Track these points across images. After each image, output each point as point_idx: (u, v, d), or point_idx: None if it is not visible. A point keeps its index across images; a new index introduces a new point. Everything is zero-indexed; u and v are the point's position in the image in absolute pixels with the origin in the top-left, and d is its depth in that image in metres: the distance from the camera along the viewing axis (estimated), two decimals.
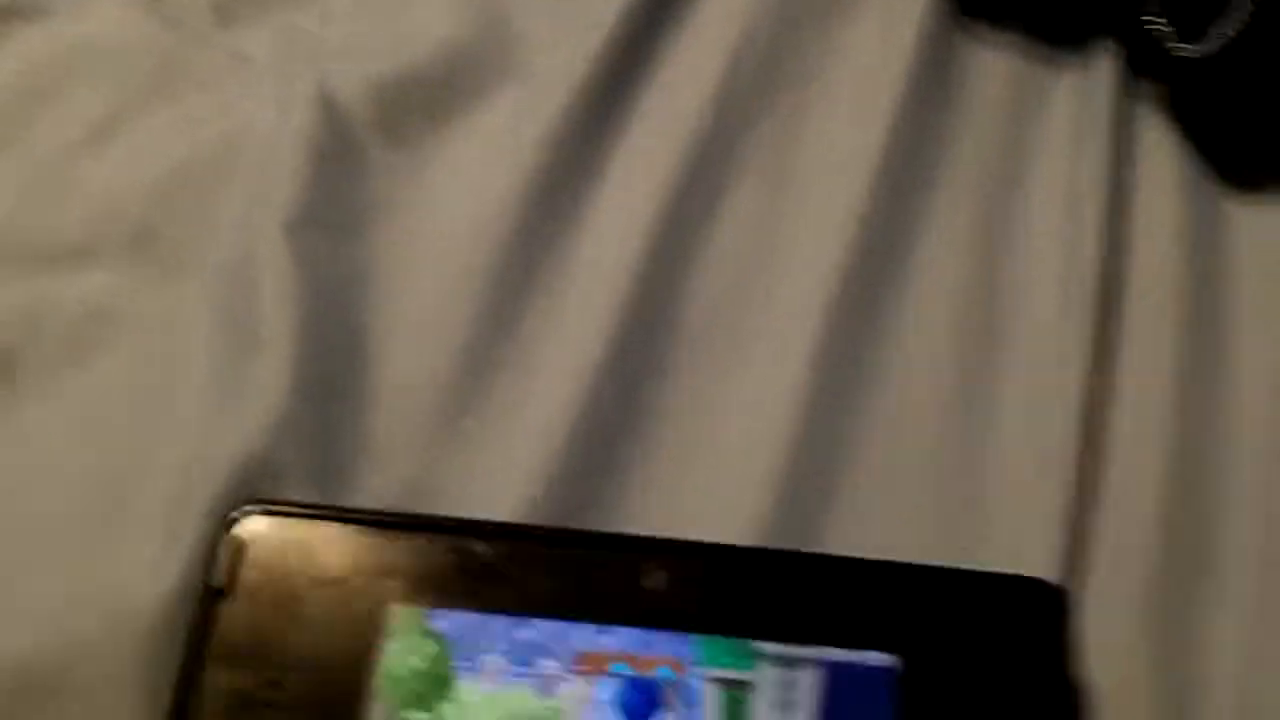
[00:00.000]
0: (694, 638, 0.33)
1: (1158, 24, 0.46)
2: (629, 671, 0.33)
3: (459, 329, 0.41)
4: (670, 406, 0.41)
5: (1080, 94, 0.48)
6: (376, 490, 0.38)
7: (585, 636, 0.33)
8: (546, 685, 0.32)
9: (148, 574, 0.34)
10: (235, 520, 0.34)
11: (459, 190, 0.45)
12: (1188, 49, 0.45)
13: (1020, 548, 0.38)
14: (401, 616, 0.33)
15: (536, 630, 0.33)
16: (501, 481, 0.38)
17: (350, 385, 0.40)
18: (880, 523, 0.39)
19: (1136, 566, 0.38)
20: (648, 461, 0.40)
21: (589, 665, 0.33)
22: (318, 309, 0.40)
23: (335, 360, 0.40)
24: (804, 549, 0.37)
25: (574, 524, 0.37)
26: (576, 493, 0.38)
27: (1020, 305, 0.43)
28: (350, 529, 0.35)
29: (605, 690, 0.33)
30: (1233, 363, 0.42)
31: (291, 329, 0.39)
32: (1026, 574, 0.36)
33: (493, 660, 0.33)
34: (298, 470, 0.37)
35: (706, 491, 0.39)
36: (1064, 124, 0.48)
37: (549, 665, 0.33)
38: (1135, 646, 0.36)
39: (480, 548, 0.34)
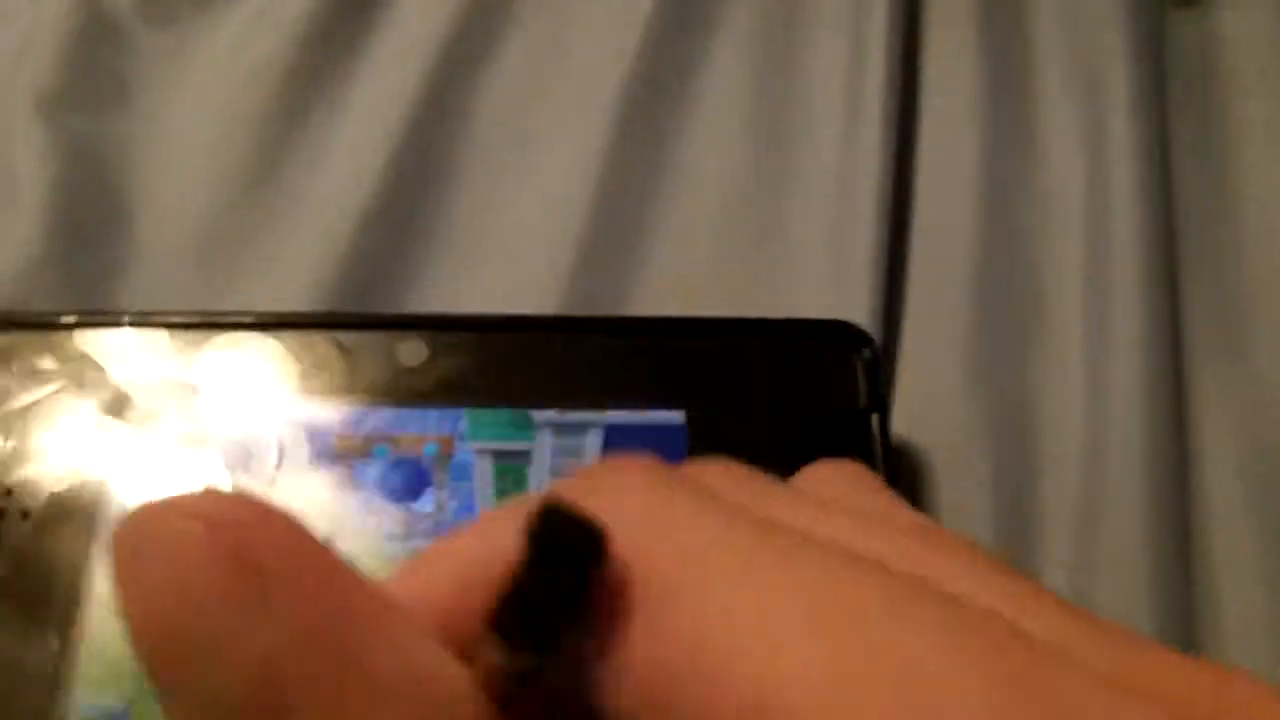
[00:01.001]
0: (465, 412, 0.31)
1: None
2: (390, 453, 0.30)
3: (226, 172, 0.39)
4: (459, 204, 0.38)
5: None
6: None
7: (342, 419, 0.30)
8: (311, 465, 0.30)
9: None
10: None
11: (226, 63, 0.42)
12: None
13: (827, 306, 0.36)
14: None
15: (299, 411, 0.30)
16: (280, 293, 0.35)
17: (108, 235, 0.37)
18: (680, 295, 0.36)
19: (954, 316, 0.36)
20: (435, 257, 0.37)
21: (349, 449, 0.30)
22: (74, 171, 0.38)
23: (91, 212, 0.37)
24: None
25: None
26: (359, 291, 0.36)
27: (815, 82, 0.41)
28: (86, 332, 0.31)
29: (366, 473, 0.30)
30: (1040, 123, 0.41)
31: (43, 188, 0.37)
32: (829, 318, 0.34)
33: None
34: None
35: (496, 284, 0.36)
36: None
37: (305, 451, 0.30)
38: (961, 392, 0.35)
39: (230, 337, 0.31)
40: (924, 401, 0.35)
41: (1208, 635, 0.32)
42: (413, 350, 0.31)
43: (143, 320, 0.31)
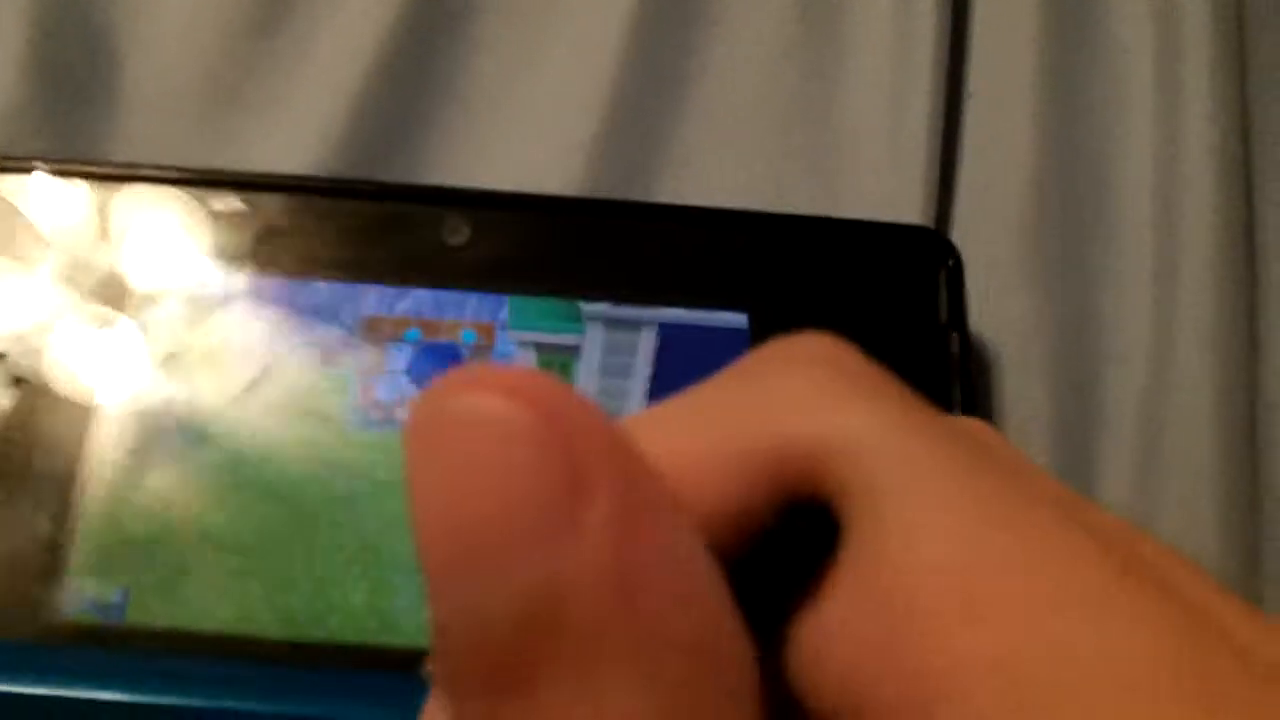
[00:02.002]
0: (510, 299, 0.28)
1: None
2: (423, 337, 0.27)
3: (226, 16, 0.35)
4: (478, 62, 0.35)
5: None
6: None
7: (376, 300, 0.27)
8: (328, 353, 0.27)
9: None
10: None
11: None
12: None
13: (879, 204, 0.33)
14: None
15: (319, 293, 0.27)
16: (283, 150, 0.32)
17: (95, 83, 0.34)
18: (719, 179, 0.33)
19: (1015, 209, 0.33)
20: (452, 118, 0.34)
21: (379, 331, 0.27)
22: (56, 10, 0.34)
23: (77, 56, 0.34)
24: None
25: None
26: (370, 154, 0.32)
27: None
28: (99, 184, 0.28)
29: (398, 358, 0.27)
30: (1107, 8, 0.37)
31: (23, 28, 0.33)
32: (904, 222, 0.31)
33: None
34: None
35: (520, 150, 0.33)
36: None
37: (331, 332, 0.27)
38: (1021, 286, 0.32)
39: (252, 203, 0.28)
40: (980, 290, 0.32)
41: (1274, 543, 0.30)
42: (454, 228, 0.28)
43: (160, 176, 0.28)
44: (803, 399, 0.12)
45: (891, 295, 0.30)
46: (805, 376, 0.13)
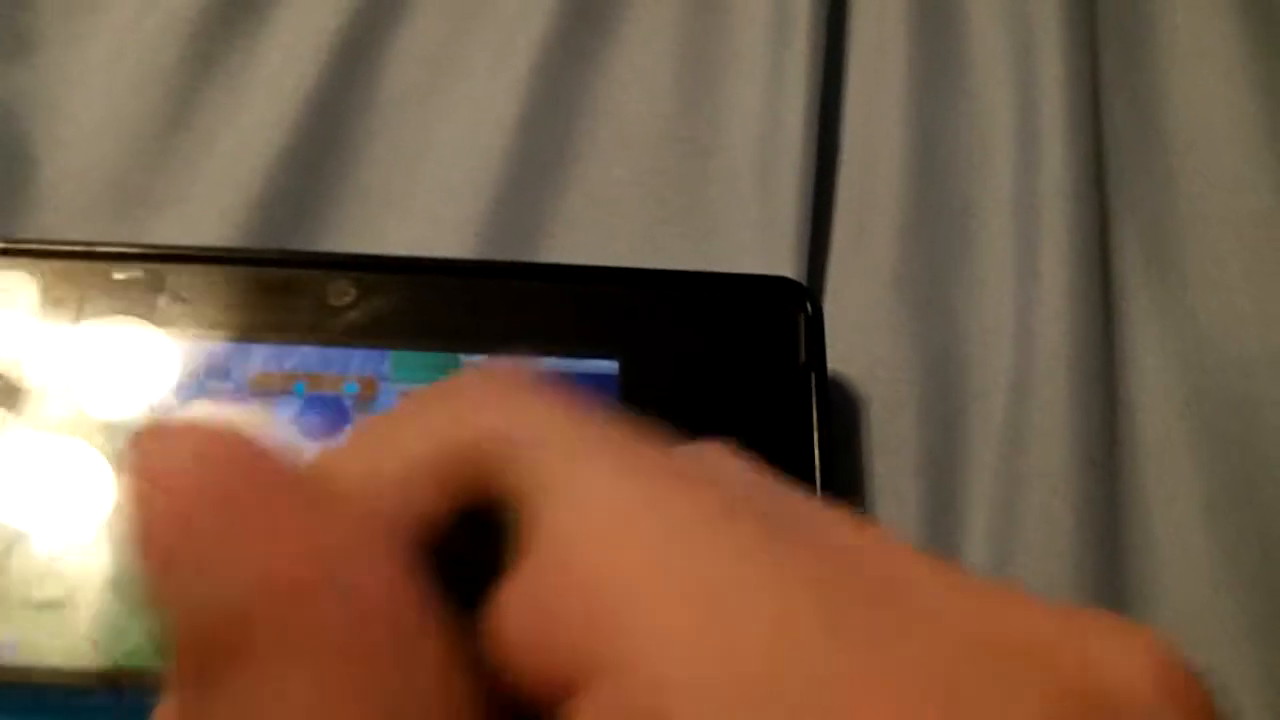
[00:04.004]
0: (392, 354, 0.30)
1: None
2: (308, 390, 0.29)
3: (136, 121, 0.37)
4: (376, 148, 0.38)
5: None
6: None
7: (264, 357, 0.30)
8: (220, 408, 0.29)
9: None
10: None
11: (133, 17, 0.40)
12: None
13: (753, 261, 0.35)
14: None
15: (212, 353, 0.30)
16: (192, 239, 0.34)
17: (12, 182, 0.36)
18: (602, 239, 0.36)
19: (882, 248, 0.36)
20: (351, 200, 0.36)
21: (268, 386, 0.29)
22: None
23: None
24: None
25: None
26: (273, 239, 0.35)
27: (741, 14, 0.40)
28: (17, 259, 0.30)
29: (285, 410, 0.29)
30: (969, 50, 0.40)
31: None
32: (767, 273, 0.33)
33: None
34: None
35: (415, 229, 0.36)
36: None
37: (224, 387, 0.29)
38: (889, 325, 0.35)
39: (151, 270, 0.30)
40: (852, 334, 0.34)
41: (1142, 568, 0.32)
42: (339, 290, 0.31)
43: (50, 252, 0.31)
44: (475, 410, 0.15)
45: (753, 340, 0.32)
46: (480, 391, 0.15)
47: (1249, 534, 0.32)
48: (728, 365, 0.31)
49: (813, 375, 0.32)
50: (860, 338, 0.34)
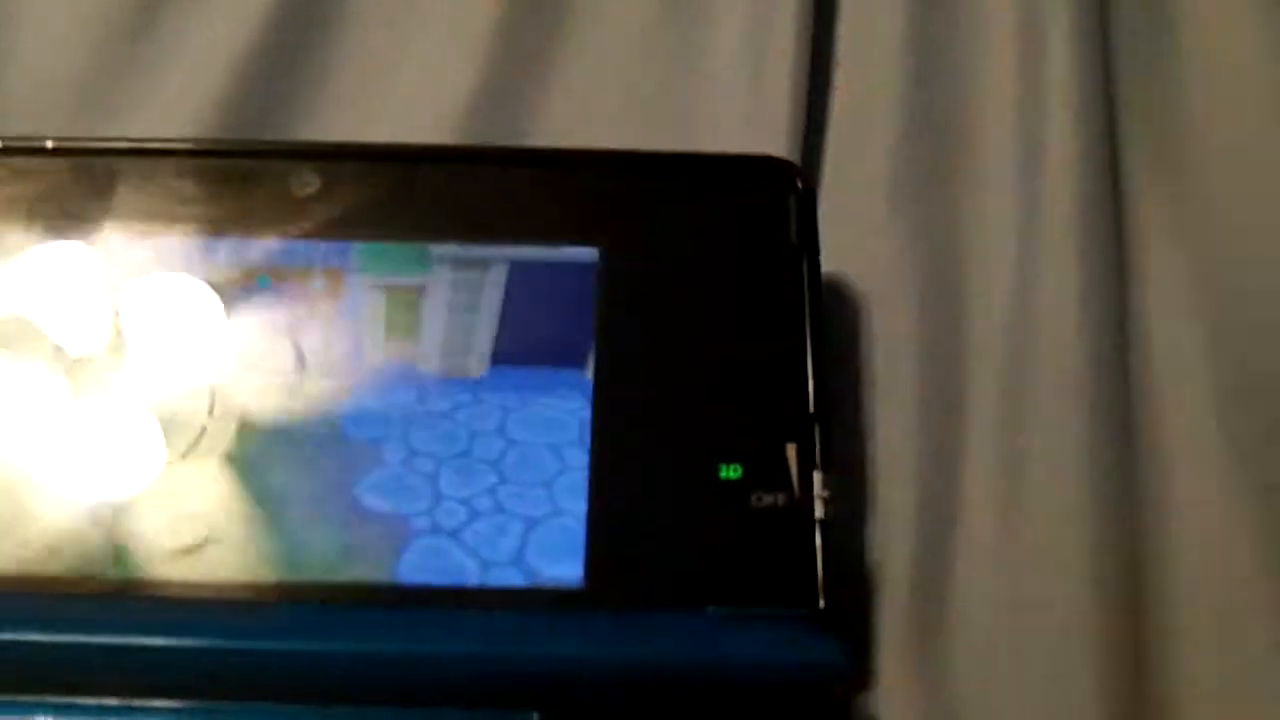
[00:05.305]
0: (357, 246, 0.29)
1: None
2: (272, 284, 0.28)
3: (96, 28, 0.36)
4: (349, 45, 0.36)
5: None
6: None
7: (227, 251, 0.28)
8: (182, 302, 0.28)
9: None
10: None
11: None
12: None
13: (745, 138, 0.34)
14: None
15: (171, 249, 0.28)
16: (162, 128, 0.33)
17: None
18: (587, 131, 0.34)
19: (879, 146, 0.34)
20: (323, 101, 0.35)
21: (231, 281, 0.28)
22: None
23: None
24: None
25: None
26: (248, 122, 0.34)
27: None
28: None
29: (250, 305, 0.28)
30: None
31: None
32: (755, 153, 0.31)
33: None
34: None
35: (391, 129, 0.34)
36: None
37: (186, 282, 0.28)
38: (887, 223, 0.33)
39: (106, 165, 0.29)
40: (849, 233, 0.32)
41: (1154, 470, 0.30)
42: (303, 180, 0.29)
43: (21, 147, 0.30)
44: None
45: (742, 222, 0.30)
46: None
47: (1259, 431, 0.30)
48: (716, 248, 0.30)
49: (805, 256, 0.30)
50: (859, 237, 0.33)
